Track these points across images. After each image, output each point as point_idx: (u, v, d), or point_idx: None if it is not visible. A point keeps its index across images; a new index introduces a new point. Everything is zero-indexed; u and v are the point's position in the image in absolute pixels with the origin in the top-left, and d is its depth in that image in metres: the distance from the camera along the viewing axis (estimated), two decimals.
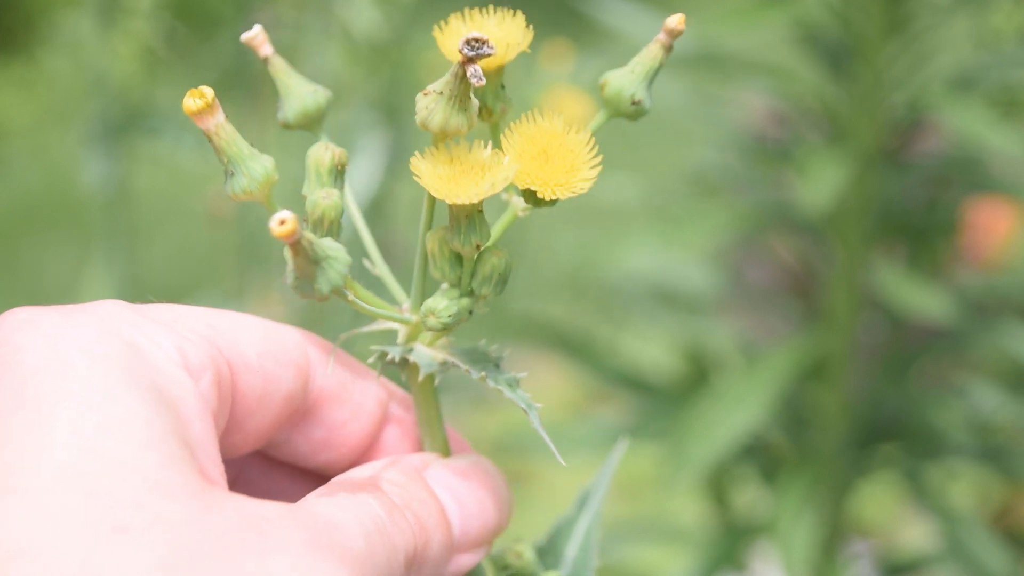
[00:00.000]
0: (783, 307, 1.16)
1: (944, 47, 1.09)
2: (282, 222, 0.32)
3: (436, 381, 0.39)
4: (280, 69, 0.41)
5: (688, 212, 1.04)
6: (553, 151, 0.37)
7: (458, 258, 0.38)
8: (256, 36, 0.41)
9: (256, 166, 0.37)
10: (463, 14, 0.39)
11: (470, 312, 0.38)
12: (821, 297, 1.09)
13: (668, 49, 0.39)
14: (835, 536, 1.07)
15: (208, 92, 0.37)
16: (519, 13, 0.38)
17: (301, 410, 0.39)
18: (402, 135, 1.28)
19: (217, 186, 1.64)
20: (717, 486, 1.13)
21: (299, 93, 0.41)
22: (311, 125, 0.41)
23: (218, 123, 0.37)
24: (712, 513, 1.14)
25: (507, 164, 0.36)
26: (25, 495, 0.29)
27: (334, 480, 0.37)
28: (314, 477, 0.42)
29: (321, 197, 0.37)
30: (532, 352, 1.78)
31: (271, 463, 0.42)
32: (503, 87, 0.39)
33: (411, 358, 0.39)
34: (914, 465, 1.07)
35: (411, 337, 0.40)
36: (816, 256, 1.10)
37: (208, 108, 0.36)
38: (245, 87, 1.42)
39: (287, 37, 1.44)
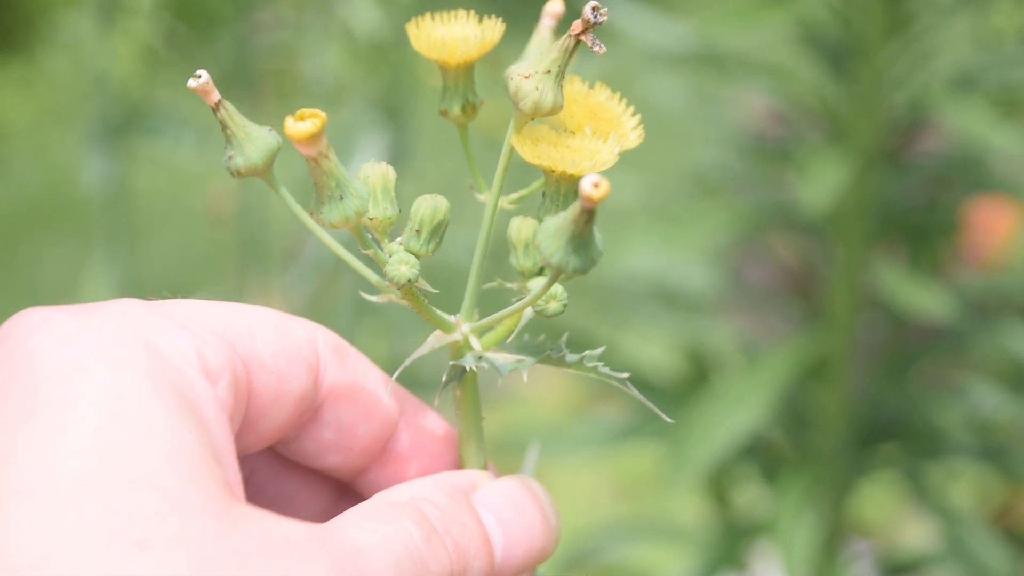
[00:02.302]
0: (783, 307, 1.16)
1: (945, 47, 1.08)
2: (596, 185, 0.31)
3: (524, 377, 0.38)
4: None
5: (688, 212, 1.04)
6: (597, 110, 0.37)
7: None
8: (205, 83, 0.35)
9: (359, 187, 0.35)
10: (428, 16, 0.38)
11: None
12: (821, 297, 1.09)
13: (556, 32, 0.40)
14: (835, 536, 1.07)
15: (321, 113, 0.33)
16: (471, 13, 0.38)
17: (312, 408, 0.38)
18: (402, 135, 1.28)
19: (217, 185, 1.64)
20: (717, 486, 1.13)
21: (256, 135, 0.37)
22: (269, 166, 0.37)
23: (328, 145, 0.34)
24: (712, 513, 1.14)
25: (619, 126, 0.37)
26: (43, 503, 0.28)
27: (375, 497, 0.36)
28: (327, 479, 0.41)
29: (435, 200, 0.36)
30: None
31: (282, 463, 0.41)
32: (474, 83, 0.39)
33: (486, 365, 0.38)
34: (914, 465, 1.07)
35: (463, 347, 0.38)
36: (816, 256, 1.10)
37: (322, 131, 0.34)
38: (245, 87, 1.42)
39: (287, 37, 1.44)
